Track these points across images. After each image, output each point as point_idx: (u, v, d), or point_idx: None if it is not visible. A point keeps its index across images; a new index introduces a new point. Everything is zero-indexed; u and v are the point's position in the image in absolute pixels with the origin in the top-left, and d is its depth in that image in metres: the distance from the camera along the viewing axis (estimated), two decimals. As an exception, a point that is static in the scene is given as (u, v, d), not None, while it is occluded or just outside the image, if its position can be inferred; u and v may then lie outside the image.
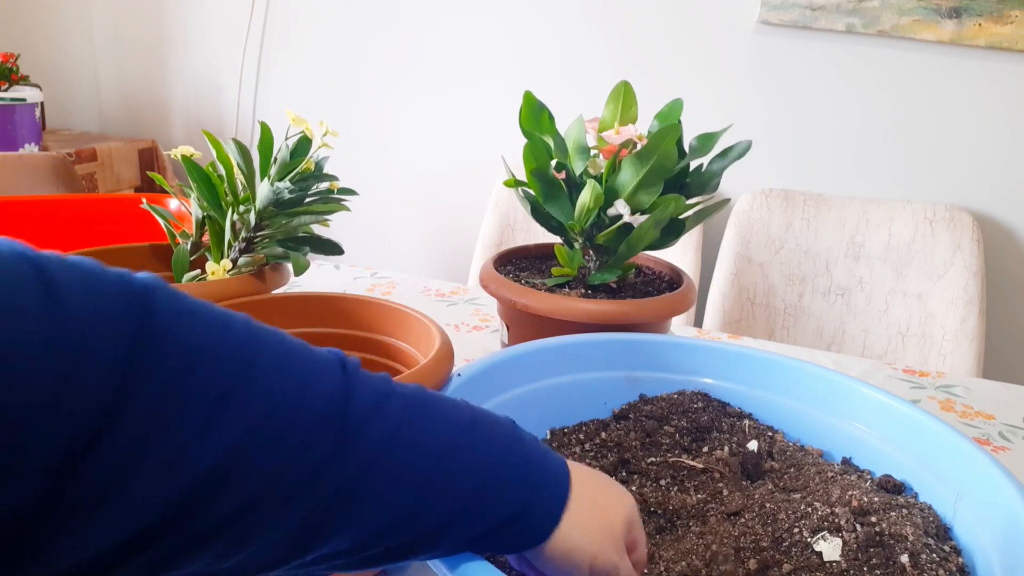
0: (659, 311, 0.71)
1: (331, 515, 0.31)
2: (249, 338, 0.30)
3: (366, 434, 0.32)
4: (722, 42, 1.65)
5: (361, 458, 0.31)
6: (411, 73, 1.89)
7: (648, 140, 0.70)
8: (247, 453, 0.28)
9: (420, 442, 0.34)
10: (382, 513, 0.32)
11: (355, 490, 0.31)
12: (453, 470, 0.34)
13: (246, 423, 0.28)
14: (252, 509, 0.29)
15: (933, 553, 0.45)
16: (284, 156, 0.73)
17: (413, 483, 0.33)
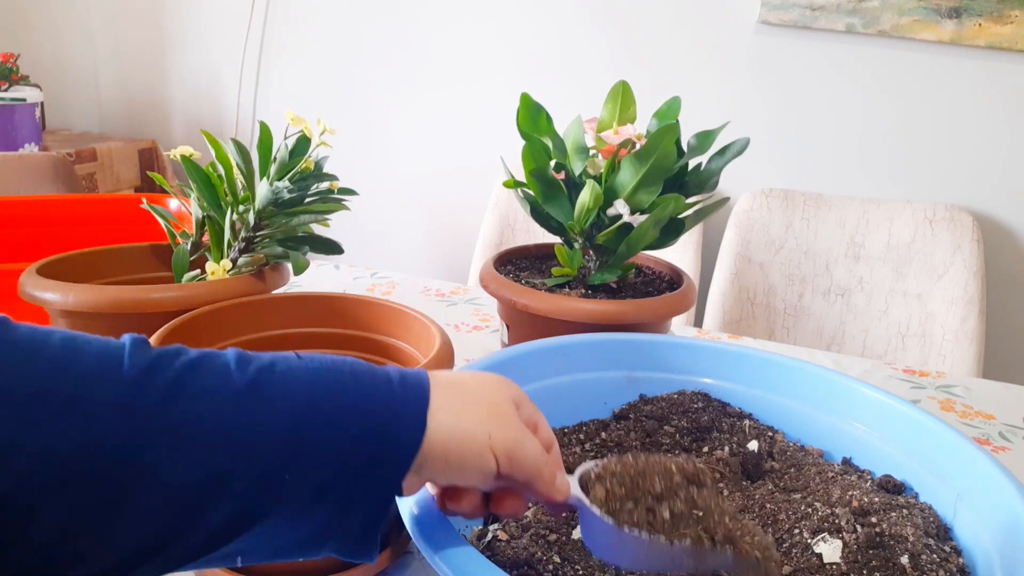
0: (659, 311, 0.71)
1: (116, 492, 0.29)
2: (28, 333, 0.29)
3: (148, 383, 0.30)
4: (722, 42, 1.65)
5: (142, 408, 0.29)
6: (411, 73, 1.89)
7: (647, 140, 0.70)
8: (10, 423, 0.27)
9: (213, 390, 0.31)
10: (178, 481, 0.29)
11: (144, 448, 0.29)
12: (264, 414, 0.31)
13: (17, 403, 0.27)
14: (31, 482, 0.27)
15: (933, 554, 0.45)
16: (283, 156, 0.73)
17: (210, 439, 0.30)
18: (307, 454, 0.32)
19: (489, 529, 0.49)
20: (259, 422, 0.31)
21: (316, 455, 0.32)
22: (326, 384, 0.33)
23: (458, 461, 0.35)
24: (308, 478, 0.32)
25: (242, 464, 0.31)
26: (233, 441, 0.30)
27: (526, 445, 0.37)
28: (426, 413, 0.34)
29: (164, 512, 0.29)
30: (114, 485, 0.28)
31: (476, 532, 0.49)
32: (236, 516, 0.31)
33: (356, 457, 0.32)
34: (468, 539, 0.36)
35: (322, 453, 0.32)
